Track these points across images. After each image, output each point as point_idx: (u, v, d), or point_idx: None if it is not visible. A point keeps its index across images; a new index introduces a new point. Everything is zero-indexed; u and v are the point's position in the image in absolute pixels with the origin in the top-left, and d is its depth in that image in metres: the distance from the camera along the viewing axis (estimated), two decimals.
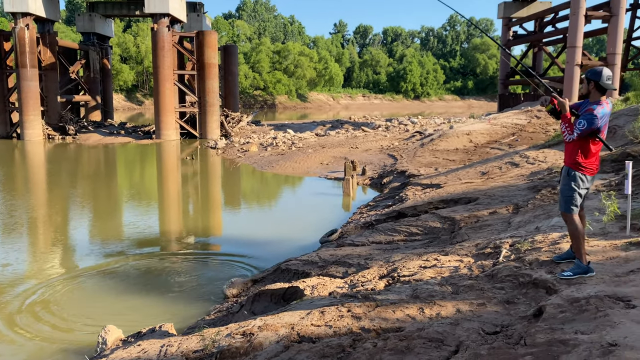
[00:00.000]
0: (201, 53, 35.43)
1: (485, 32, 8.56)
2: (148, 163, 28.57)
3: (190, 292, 9.19)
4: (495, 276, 5.24)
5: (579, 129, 4.74)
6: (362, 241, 9.20)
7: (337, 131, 32.80)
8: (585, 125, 4.71)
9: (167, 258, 11.09)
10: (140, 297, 8.92)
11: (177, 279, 9.87)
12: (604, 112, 4.77)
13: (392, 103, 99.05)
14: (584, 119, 4.73)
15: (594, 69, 4.87)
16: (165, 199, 18.63)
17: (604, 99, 4.85)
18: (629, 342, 3.42)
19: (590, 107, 4.78)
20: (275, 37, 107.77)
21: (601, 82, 4.77)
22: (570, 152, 4.93)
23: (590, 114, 4.72)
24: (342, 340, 4.47)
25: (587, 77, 4.91)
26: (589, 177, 4.90)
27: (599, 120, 4.72)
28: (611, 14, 33.17)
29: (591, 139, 4.81)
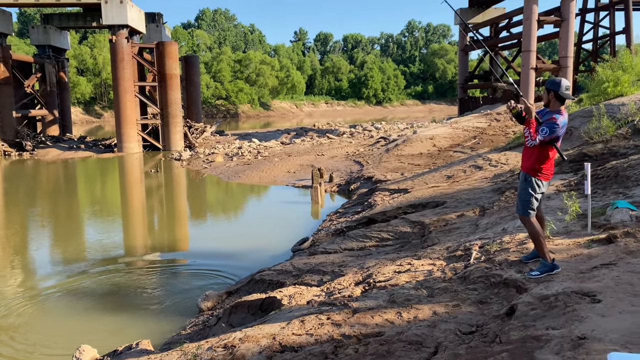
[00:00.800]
0: (162, 64, 35.03)
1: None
2: (110, 177, 28.02)
3: (164, 307, 9.10)
4: (467, 278, 5.42)
5: (542, 136, 4.94)
6: (335, 248, 9.30)
7: (303, 139, 32.93)
8: (548, 132, 4.92)
9: (136, 273, 10.94)
10: (112, 315, 8.77)
11: (149, 294, 9.75)
12: (564, 122, 5.02)
13: (354, 109, 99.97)
14: (547, 127, 4.94)
15: (553, 80, 5.11)
16: (130, 213, 18.30)
17: (563, 109, 5.10)
18: (597, 334, 3.62)
19: (553, 116, 4.99)
20: (236, 46, 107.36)
21: (560, 92, 5.00)
22: (528, 157, 5.13)
23: (553, 122, 4.94)
24: (324, 347, 4.56)
25: (547, 87, 5.14)
26: (545, 182, 5.13)
27: (560, 128, 4.95)
28: (562, 19, 34.49)
29: (549, 147, 5.03)
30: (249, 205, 19.28)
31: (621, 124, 11.60)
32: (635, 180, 7.66)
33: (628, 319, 3.78)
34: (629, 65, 14.34)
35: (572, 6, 34.61)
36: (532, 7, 33.91)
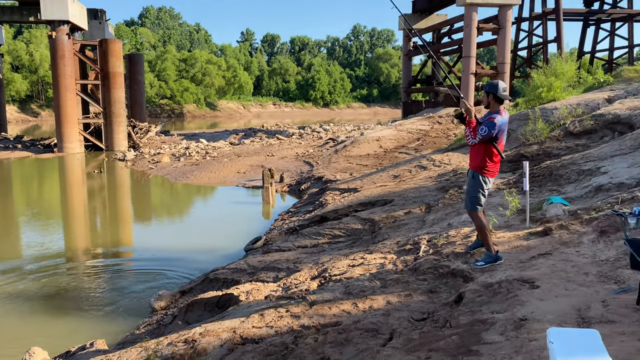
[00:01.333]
0: (105, 62, 34.01)
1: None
2: (51, 178, 26.95)
3: (115, 308, 8.97)
4: (417, 269, 5.75)
5: (481, 134, 5.34)
6: (289, 246, 9.48)
7: (252, 139, 32.87)
8: (486, 131, 5.32)
9: (84, 275, 10.70)
10: (60, 317, 8.58)
11: (99, 295, 9.58)
12: (503, 121, 5.42)
13: (302, 111, 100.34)
14: (486, 126, 5.34)
15: (491, 83, 5.52)
16: (74, 214, 17.75)
17: (503, 109, 5.51)
18: (536, 316, 4.00)
19: (491, 116, 5.41)
20: (181, 45, 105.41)
21: (498, 93, 5.42)
22: (475, 156, 5.53)
23: (491, 121, 5.35)
24: (285, 338, 4.74)
25: (485, 90, 5.55)
26: (491, 179, 5.55)
27: (498, 127, 5.35)
28: (499, 27, 36.11)
29: (492, 145, 5.43)
30: (199, 205, 19.12)
31: (554, 126, 12.41)
32: (567, 178, 8.28)
33: (563, 302, 4.18)
34: (560, 72, 15.33)
35: (509, 15, 36.32)
36: (472, 14, 35.34)
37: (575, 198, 7.12)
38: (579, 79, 16.77)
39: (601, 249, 5.16)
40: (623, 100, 12.62)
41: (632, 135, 9.36)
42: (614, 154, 8.56)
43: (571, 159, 9.05)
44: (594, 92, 15.14)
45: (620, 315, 3.75)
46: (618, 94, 13.76)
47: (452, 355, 3.78)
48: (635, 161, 7.77)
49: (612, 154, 8.57)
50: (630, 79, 15.47)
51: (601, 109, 12.34)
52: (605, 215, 5.74)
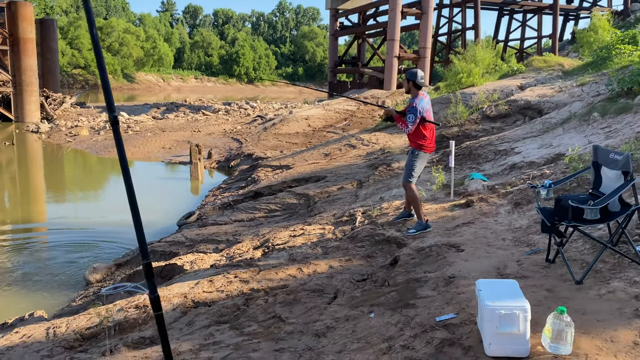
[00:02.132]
0: (14, 26, 31.69)
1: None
2: None
3: (45, 282, 8.80)
4: (355, 237, 6.23)
5: (411, 122, 5.96)
6: (225, 220, 9.70)
7: (176, 114, 32.13)
8: (412, 117, 5.95)
9: (11, 249, 10.33)
10: None
11: (24, 270, 9.32)
12: (422, 103, 6.03)
13: (226, 86, 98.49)
14: (411, 113, 5.98)
15: (411, 71, 6.14)
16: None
17: (421, 92, 6.10)
18: (462, 274, 4.58)
19: (411, 102, 6.04)
20: (96, 12, 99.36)
21: (417, 81, 6.06)
22: (413, 137, 6.13)
23: (413, 107, 5.98)
24: (236, 301, 5.05)
25: (406, 77, 6.18)
26: (428, 154, 6.15)
27: (420, 109, 5.96)
28: (422, 12, 37.47)
29: (422, 125, 6.02)
30: None
31: (473, 110, 13.38)
32: (484, 157, 9.11)
33: (484, 262, 4.80)
34: (479, 59, 16.42)
35: (431, 1, 37.76)
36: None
37: (492, 175, 7.91)
38: (495, 66, 18.02)
39: (515, 218, 5.88)
40: (533, 88, 13.82)
41: (541, 119, 10.39)
42: (526, 136, 9.50)
43: (488, 140, 9.92)
44: (508, 79, 16.37)
45: (531, 272, 4.41)
46: (529, 82, 15.00)
47: (392, 308, 4.27)
48: (544, 143, 8.70)
49: (524, 136, 9.51)
50: (540, 68, 16.86)
51: (514, 95, 13.45)
52: (519, 190, 6.49)
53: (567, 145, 8.02)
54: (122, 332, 4.84)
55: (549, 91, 13.48)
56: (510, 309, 3.09)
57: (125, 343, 4.57)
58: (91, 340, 4.83)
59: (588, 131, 8.46)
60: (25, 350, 4.82)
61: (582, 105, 10.01)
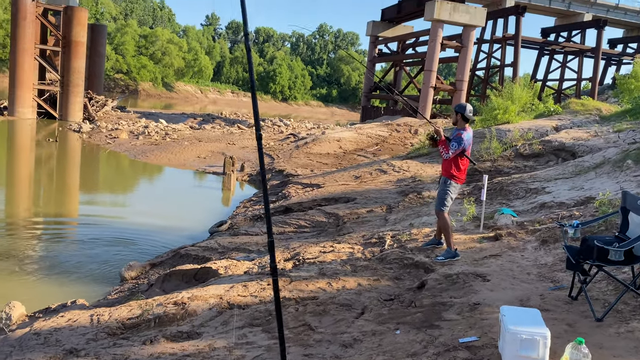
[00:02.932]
0: (69, 30, 33.18)
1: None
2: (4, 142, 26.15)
3: (82, 275, 9.25)
4: (384, 259, 6.48)
5: (452, 149, 6.25)
6: (256, 231, 10.05)
7: (212, 126, 32.95)
8: (456, 145, 6.25)
9: (52, 241, 10.88)
10: (30, 280, 8.80)
11: (64, 263, 9.80)
12: (469, 136, 6.35)
13: (260, 103, 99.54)
14: (455, 141, 6.27)
15: (461, 104, 6.46)
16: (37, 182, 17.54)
17: (468, 126, 6.41)
18: (487, 302, 4.80)
19: (458, 132, 6.34)
20: (143, 20, 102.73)
21: (465, 114, 6.37)
22: (446, 166, 6.42)
23: (459, 137, 6.27)
24: (268, 306, 5.35)
25: (455, 109, 6.50)
26: (459, 185, 6.44)
27: (465, 142, 6.26)
28: (462, 45, 37.78)
29: (460, 157, 6.32)
30: (160, 185, 19.25)
31: (506, 147, 13.54)
32: (515, 194, 9.29)
33: (509, 293, 5.01)
34: (516, 97, 16.59)
35: (472, 35, 38.05)
36: (438, 30, 36.79)
37: (522, 212, 8.09)
38: (531, 105, 18.16)
39: (542, 255, 6.06)
40: (569, 130, 13.92)
41: (574, 162, 10.52)
42: (558, 177, 9.65)
43: (520, 178, 10.09)
44: (544, 119, 16.49)
45: (553, 306, 4.60)
46: (565, 123, 15.11)
47: (417, 327, 4.52)
48: (575, 185, 8.85)
49: (556, 177, 9.65)
50: (577, 111, 16.94)
51: (549, 136, 13.57)
52: (547, 228, 6.67)
53: (598, 189, 8.16)
54: (161, 325, 5.18)
55: (585, 135, 13.57)
56: (532, 334, 3.32)
57: (164, 335, 4.90)
58: (132, 330, 5.19)
59: (620, 178, 8.57)
60: (71, 333, 5.20)
61: (617, 152, 10.11)
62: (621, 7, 46.19)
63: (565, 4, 44.63)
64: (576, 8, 45.00)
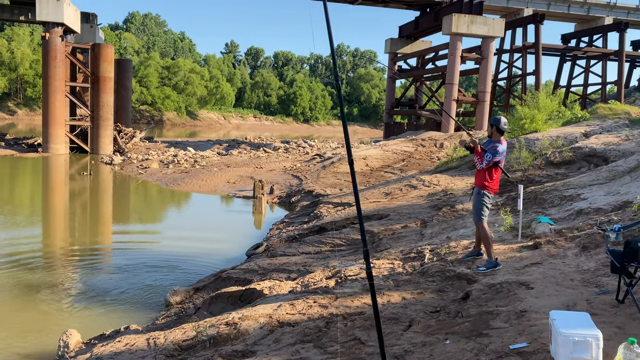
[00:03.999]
0: (96, 66, 34.39)
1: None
2: (40, 177, 27.08)
3: (129, 301, 9.54)
4: (426, 273, 6.60)
5: (487, 160, 6.41)
6: (293, 252, 10.24)
7: (239, 151, 33.52)
8: (491, 157, 6.41)
9: (98, 270, 11.25)
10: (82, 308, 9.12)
11: (112, 290, 10.13)
12: (503, 149, 6.52)
13: (282, 125, 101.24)
14: (490, 153, 6.43)
15: (495, 117, 6.65)
16: (75, 215, 18.13)
17: (503, 139, 6.57)
18: (533, 309, 4.88)
19: (494, 145, 6.50)
20: (165, 52, 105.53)
21: (500, 126, 6.53)
22: (479, 177, 6.57)
23: (494, 149, 6.43)
24: (317, 323, 5.51)
25: (490, 123, 6.67)
26: (492, 195, 6.57)
27: (500, 154, 6.42)
28: (482, 57, 37.83)
29: (493, 169, 6.48)
30: (193, 212, 19.66)
31: (536, 155, 13.53)
32: (550, 202, 9.30)
33: (554, 300, 5.07)
34: (542, 106, 16.58)
35: (492, 46, 38.12)
36: (457, 44, 36.97)
37: (559, 219, 8.12)
38: (558, 113, 18.10)
39: (583, 261, 6.10)
40: (599, 136, 13.85)
41: (607, 167, 10.48)
42: (592, 183, 9.64)
43: (553, 186, 10.10)
44: (572, 126, 16.42)
45: (601, 310, 4.66)
46: (594, 129, 15.03)
47: (466, 337, 4.62)
48: (611, 190, 8.83)
49: (590, 183, 9.64)
50: (605, 116, 16.82)
51: (579, 142, 13.52)
52: (586, 234, 6.71)
53: (635, 193, 8.15)
54: (216, 345, 5.39)
55: (615, 139, 13.47)
56: (584, 336, 3.41)
57: (220, 354, 5.10)
58: (189, 351, 5.40)
59: None
60: (131, 356, 5.44)
61: None
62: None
63: (584, 9, 44.41)
64: (596, 12, 44.70)
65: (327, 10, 3.51)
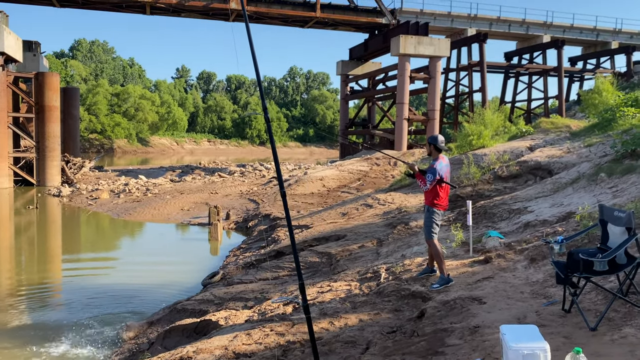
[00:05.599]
0: (41, 95, 33.37)
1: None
2: None
3: (80, 340, 9.13)
4: (382, 293, 6.62)
5: (429, 181, 6.58)
6: (250, 279, 10.10)
7: (193, 177, 33.03)
8: (432, 177, 6.58)
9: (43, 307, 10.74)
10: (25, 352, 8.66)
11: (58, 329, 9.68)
12: (441, 165, 6.66)
13: (238, 148, 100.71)
14: (430, 173, 6.61)
15: (433, 135, 6.85)
16: (21, 251, 17.31)
17: (441, 156, 6.73)
18: (486, 324, 4.96)
19: (432, 164, 6.67)
20: (114, 79, 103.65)
21: (437, 145, 6.71)
22: (427, 196, 6.72)
23: (432, 168, 6.62)
24: (274, 352, 5.42)
25: (428, 141, 6.85)
26: (442, 211, 6.71)
27: (439, 171, 6.58)
28: (430, 77, 38.95)
29: (439, 185, 6.63)
30: (146, 242, 19.15)
31: (485, 171, 13.94)
32: (499, 216, 9.57)
33: (505, 313, 5.18)
34: (489, 122, 17.17)
35: (439, 66, 39.33)
36: (405, 64, 37.97)
37: (508, 232, 8.35)
38: (504, 128, 18.77)
39: (532, 273, 6.28)
40: (542, 149, 14.42)
41: (552, 179, 10.89)
42: (538, 195, 9.99)
43: (502, 200, 10.41)
44: (518, 140, 17.04)
45: (549, 321, 4.78)
46: (538, 143, 15.64)
47: (422, 356, 4.65)
48: (555, 202, 9.17)
49: (536, 196, 9.99)
50: (548, 129, 17.56)
51: (524, 156, 14.03)
52: (533, 246, 6.92)
53: (577, 204, 8.48)
54: None
55: (558, 152, 14.06)
56: (532, 349, 3.49)
57: None
58: None
59: (596, 190, 8.93)
60: None
61: (590, 166, 10.53)
62: (576, 26, 48.32)
63: (523, 27, 46.58)
64: (534, 31, 46.96)
65: (249, 33, 3.70)
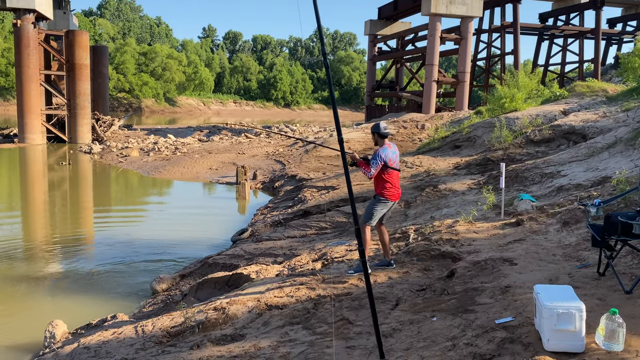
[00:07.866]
0: (71, 53, 33.66)
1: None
2: (18, 168, 26.57)
3: (114, 291, 9.47)
4: (411, 252, 6.67)
5: (373, 168, 6.19)
6: (279, 236, 10.26)
7: (220, 137, 33.27)
8: (375, 163, 6.19)
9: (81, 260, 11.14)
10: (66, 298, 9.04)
11: (96, 280, 10.06)
12: (386, 151, 6.28)
13: (263, 110, 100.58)
14: (373, 160, 6.23)
15: (375, 124, 6.43)
16: (55, 206, 17.87)
17: (386, 142, 6.38)
18: (517, 284, 4.97)
19: (377, 151, 6.31)
20: (141, 38, 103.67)
21: (380, 132, 6.33)
22: (376, 184, 6.39)
23: (376, 154, 6.24)
24: (305, 304, 5.55)
25: (371, 131, 6.44)
26: (391, 202, 6.37)
27: (382, 158, 6.20)
28: (461, 37, 37.88)
29: (385, 172, 6.26)
30: (176, 199, 19.51)
31: (517, 134, 13.68)
32: (531, 180, 9.43)
33: (537, 274, 5.17)
34: (522, 85, 16.72)
35: (470, 26, 38.16)
36: (436, 24, 36.94)
37: (540, 196, 8.24)
38: (537, 92, 18.27)
39: (565, 236, 6.22)
40: (577, 113, 14.04)
41: (586, 144, 10.64)
42: (571, 160, 9.79)
43: (534, 164, 10.24)
44: (551, 104, 16.60)
45: (582, 283, 4.76)
46: (572, 107, 15.21)
47: (452, 313, 4.70)
48: (590, 166, 8.99)
49: (569, 160, 9.79)
50: (583, 93, 17.03)
51: (558, 120, 13.69)
52: (567, 210, 6.83)
53: (613, 168, 8.30)
54: (205, 330, 5.40)
55: (593, 116, 13.67)
56: (567, 308, 3.49)
57: (210, 339, 5.11)
58: (178, 337, 5.40)
59: (634, 155, 8.70)
60: (120, 344, 5.43)
61: (628, 131, 10.23)
62: None
63: None
64: None
65: None
